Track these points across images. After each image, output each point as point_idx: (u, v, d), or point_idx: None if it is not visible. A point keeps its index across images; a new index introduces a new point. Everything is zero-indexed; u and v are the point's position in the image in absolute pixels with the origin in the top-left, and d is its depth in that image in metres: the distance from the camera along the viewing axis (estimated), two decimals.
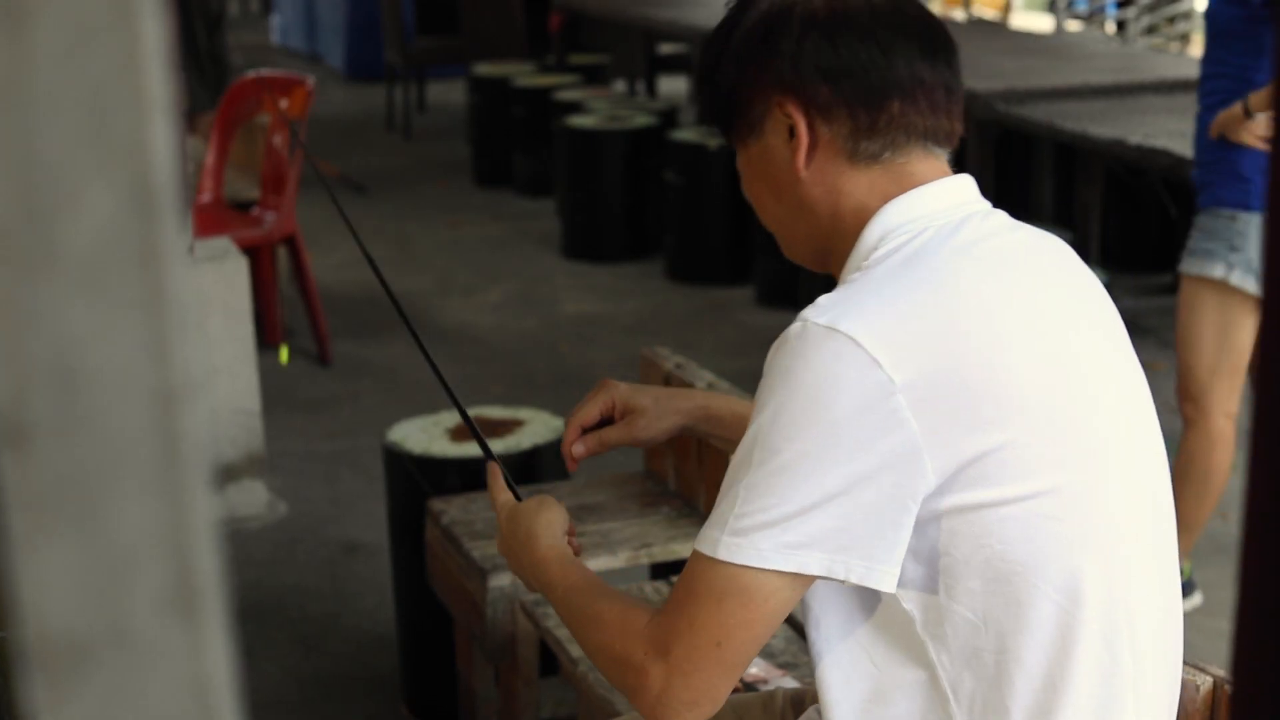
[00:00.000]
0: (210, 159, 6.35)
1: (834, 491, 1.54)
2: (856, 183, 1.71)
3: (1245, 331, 3.99)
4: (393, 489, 3.75)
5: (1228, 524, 4.67)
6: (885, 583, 1.58)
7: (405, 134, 10.94)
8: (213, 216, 6.05)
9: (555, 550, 1.88)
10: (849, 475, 1.54)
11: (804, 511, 1.55)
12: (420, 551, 3.56)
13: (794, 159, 1.71)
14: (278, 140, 6.22)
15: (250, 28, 17.19)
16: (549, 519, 1.91)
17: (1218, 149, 3.88)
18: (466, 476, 3.55)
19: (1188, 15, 9.81)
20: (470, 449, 3.60)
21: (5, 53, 0.48)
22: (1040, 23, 12.06)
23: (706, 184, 6.99)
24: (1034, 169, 7.17)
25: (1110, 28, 10.30)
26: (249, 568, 4.53)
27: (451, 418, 3.82)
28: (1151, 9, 9.79)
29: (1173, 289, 6.74)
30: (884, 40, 1.68)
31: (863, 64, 1.68)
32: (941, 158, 1.74)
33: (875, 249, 1.68)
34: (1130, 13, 9.72)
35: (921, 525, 1.58)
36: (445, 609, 3.42)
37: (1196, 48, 11.25)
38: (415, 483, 3.61)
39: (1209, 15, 3.97)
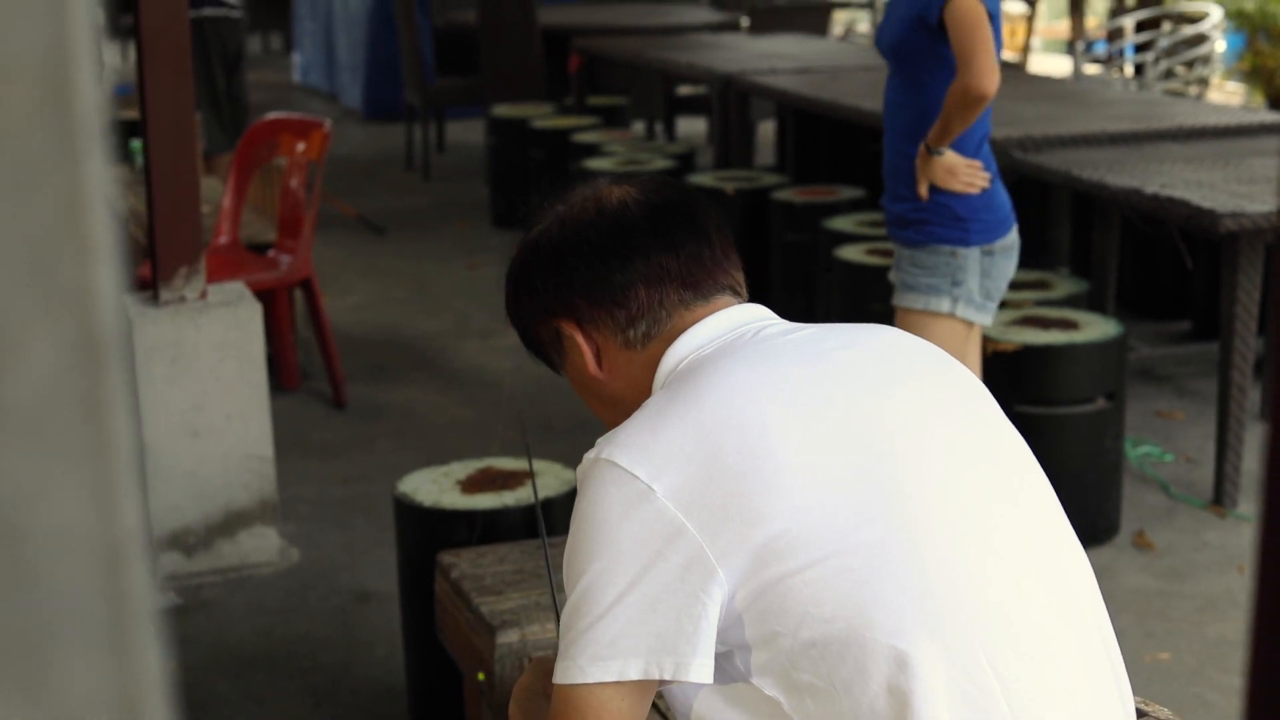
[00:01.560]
0: (227, 201, 6.35)
1: (629, 598, 1.70)
2: (642, 362, 1.92)
3: (970, 359, 4.22)
4: (403, 540, 3.73)
5: (1242, 577, 4.64)
6: (701, 675, 1.70)
7: (424, 174, 10.95)
8: (229, 259, 6.05)
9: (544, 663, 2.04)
10: (638, 580, 1.70)
11: (605, 622, 1.70)
12: (431, 603, 3.54)
13: (588, 368, 1.95)
14: (294, 183, 6.23)
15: (271, 66, 17.25)
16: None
17: (932, 190, 4.03)
18: (477, 529, 3.53)
19: (1206, 59, 9.79)
20: (480, 502, 3.58)
21: None
22: (1059, 65, 12.06)
23: None
24: (1051, 216, 7.15)
25: (1129, 70, 10.28)
26: (260, 615, 4.51)
27: (463, 469, 3.81)
28: (1170, 53, 9.77)
29: (1189, 337, 6.73)
30: (611, 248, 1.91)
31: (598, 273, 1.91)
32: (717, 302, 1.93)
33: (659, 388, 1.88)
34: (1148, 56, 9.70)
35: (745, 612, 1.70)
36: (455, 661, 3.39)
37: (1215, 92, 11.24)
38: (429, 531, 3.59)
39: (891, 43, 4.09)
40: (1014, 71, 8.89)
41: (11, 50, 0.47)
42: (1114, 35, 10.44)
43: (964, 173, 3.98)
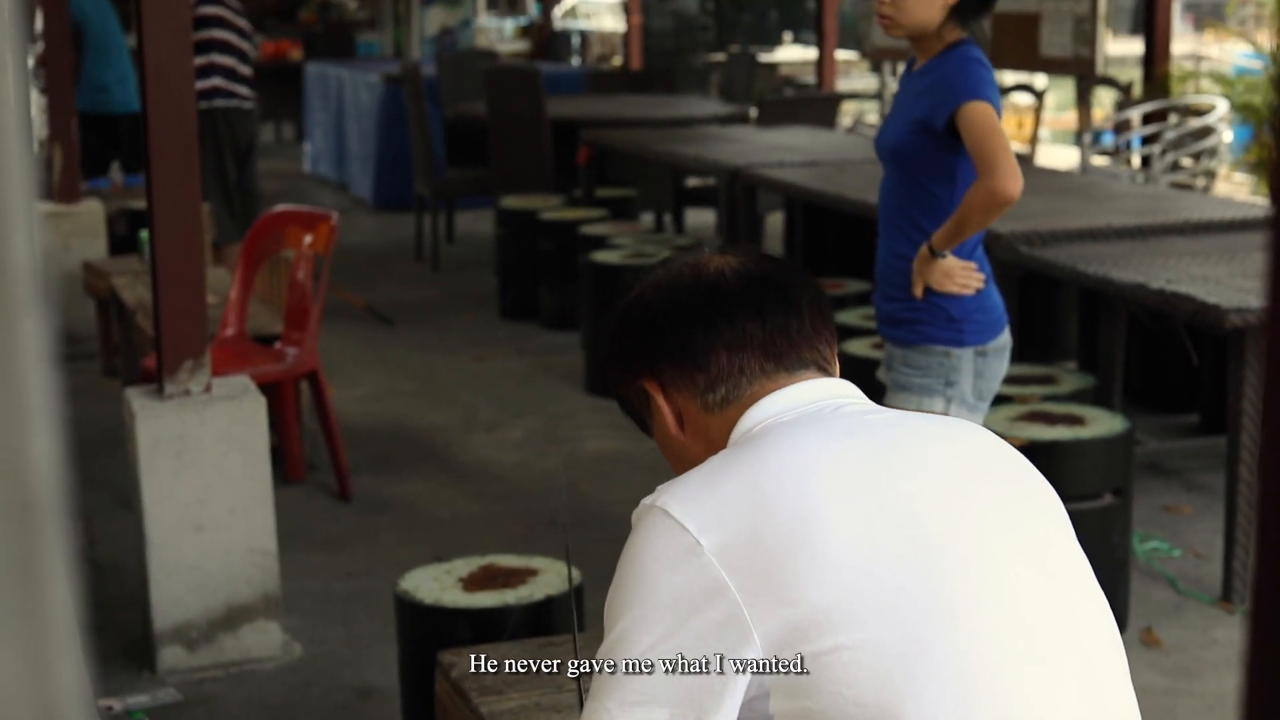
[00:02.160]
0: (234, 293, 6.37)
1: (662, 648, 1.71)
2: (719, 427, 1.93)
3: None
4: (404, 638, 3.71)
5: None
6: None
7: (433, 265, 10.98)
8: (235, 351, 6.06)
9: None
10: (673, 632, 1.71)
11: (638, 669, 1.72)
12: (432, 701, 3.51)
13: (669, 429, 1.97)
14: (302, 275, 6.24)
15: (283, 155, 17.34)
16: None
17: (926, 291, 4.02)
18: (478, 628, 3.51)
19: (1214, 151, 9.81)
20: (481, 600, 3.57)
21: None
22: (1066, 156, 12.11)
23: None
24: (1058, 310, 7.15)
25: (1136, 162, 10.31)
26: (262, 711, 4.49)
27: (465, 566, 3.79)
28: (1177, 145, 9.80)
29: (1197, 431, 6.70)
30: (698, 311, 1.94)
31: (683, 336, 1.94)
32: (801, 375, 1.94)
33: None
34: (1155, 148, 9.74)
35: (775, 684, 1.69)
36: None
37: (1223, 183, 11.27)
38: (430, 629, 3.57)
39: (892, 146, 4.08)
40: (1021, 164, 8.92)
41: None
42: (1121, 127, 10.48)
43: (960, 275, 3.98)
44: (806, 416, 1.86)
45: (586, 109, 11.06)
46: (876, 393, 4.32)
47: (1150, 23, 10.31)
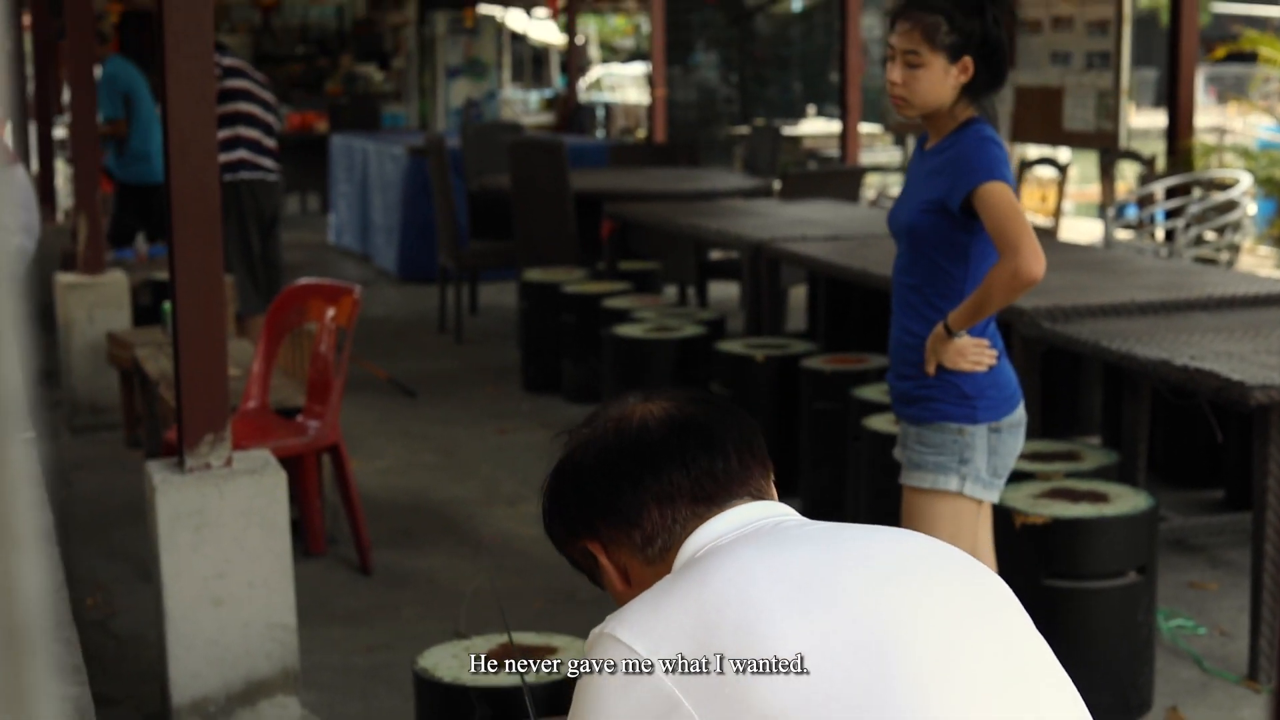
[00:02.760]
0: (257, 365, 6.38)
1: None
2: (660, 574, 1.95)
3: (981, 536, 4.18)
4: (423, 715, 3.69)
5: None
6: None
7: (456, 336, 10.99)
8: (257, 424, 6.07)
9: None
10: None
11: None
12: None
13: (616, 585, 2.04)
14: (324, 348, 6.25)
15: (308, 226, 17.43)
16: None
17: (939, 368, 4.01)
18: (498, 707, 3.49)
19: (1237, 225, 9.80)
20: (499, 680, 3.54)
21: None
22: (1090, 229, 12.10)
23: (753, 396, 6.96)
24: (1081, 385, 7.12)
25: (1160, 235, 10.30)
26: None
27: (483, 644, 3.77)
28: (1200, 219, 9.79)
29: (1222, 507, 6.66)
30: (624, 470, 1.99)
31: (612, 498, 1.99)
32: (732, 504, 1.99)
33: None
34: (1179, 222, 9.73)
35: None
36: None
37: (1247, 256, 11.25)
38: (450, 707, 3.55)
39: (907, 224, 4.06)
40: (1044, 238, 8.92)
41: None
42: (1145, 200, 10.48)
43: (973, 352, 3.97)
44: (745, 536, 1.91)
45: (610, 182, 11.09)
46: (894, 470, 4.32)
47: (1174, 96, 10.32)
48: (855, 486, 6.13)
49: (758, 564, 1.80)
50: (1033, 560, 4.66)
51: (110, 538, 6.55)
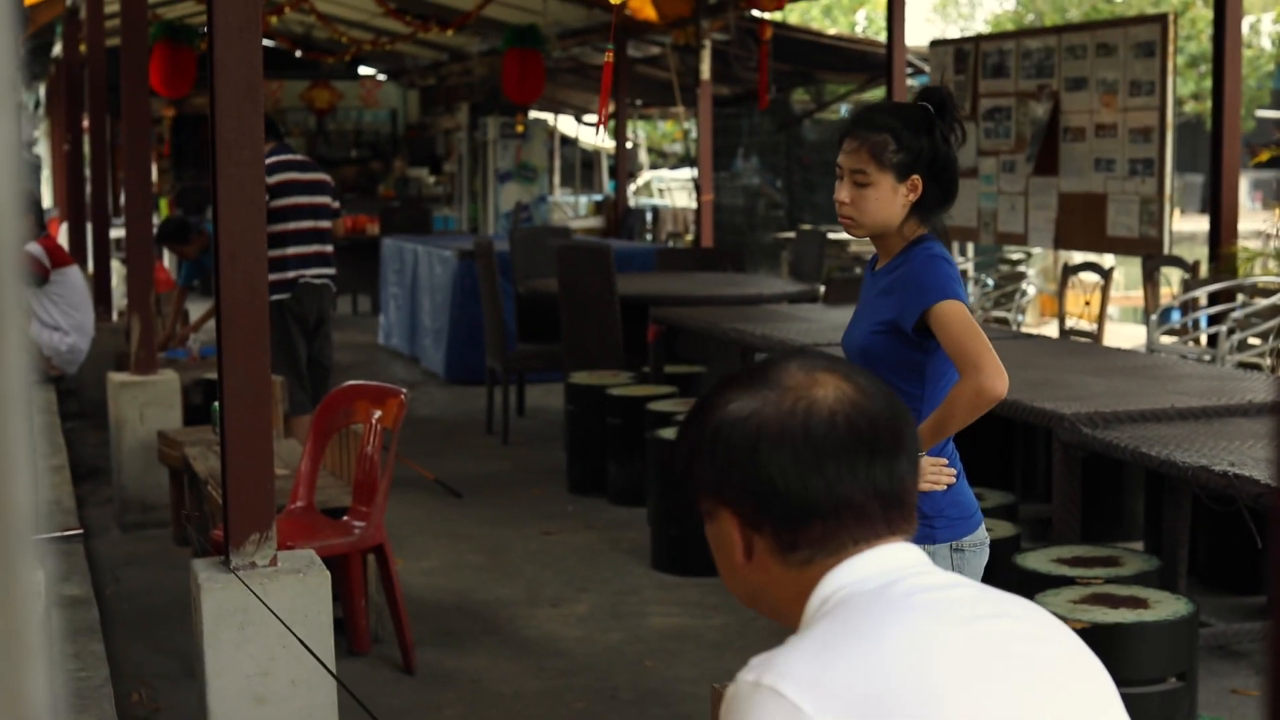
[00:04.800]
0: (304, 465, 6.44)
1: None
2: (791, 581, 1.84)
3: None
4: None
5: None
6: None
7: (503, 438, 11.05)
8: (303, 524, 6.12)
9: None
10: None
11: None
12: None
13: (735, 556, 1.87)
14: (370, 449, 6.31)
15: (358, 327, 17.57)
16: None
17: None
18: None
19: None
20: None
21: None
22: (1134, 334, 12.10)
23: None
24: (1123, 491, 7.12)
25: (1203, 340, 10.30)
26: None
27: None
28: (1244, 324, 9.79)
29: (1265, 612, 6.63)
30: (801, 470, 1.81)
31: (778, 491, 1.81)
32: (880, 539, 1.84)
33: (815, 614, 1.79)
34: (1222, 327, 9.73)
35: None
36: None
37: None
38: None
39: (860, 346, 3.98)
40: (1087, 346, 8.95)
41: None
42: (1188, 306, 10.49)
43: (930, 472, 3.88)
44: (892, 588, 1.78)
45: (657, 286, 11.17)
46: None
47: (1216, 202, 10.35)
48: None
49: (932, 641, 1.70)
50: None
51: (156, 634, 6.60)
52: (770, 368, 1.91)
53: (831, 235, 15.20)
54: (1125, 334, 12.11)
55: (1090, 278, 10.95)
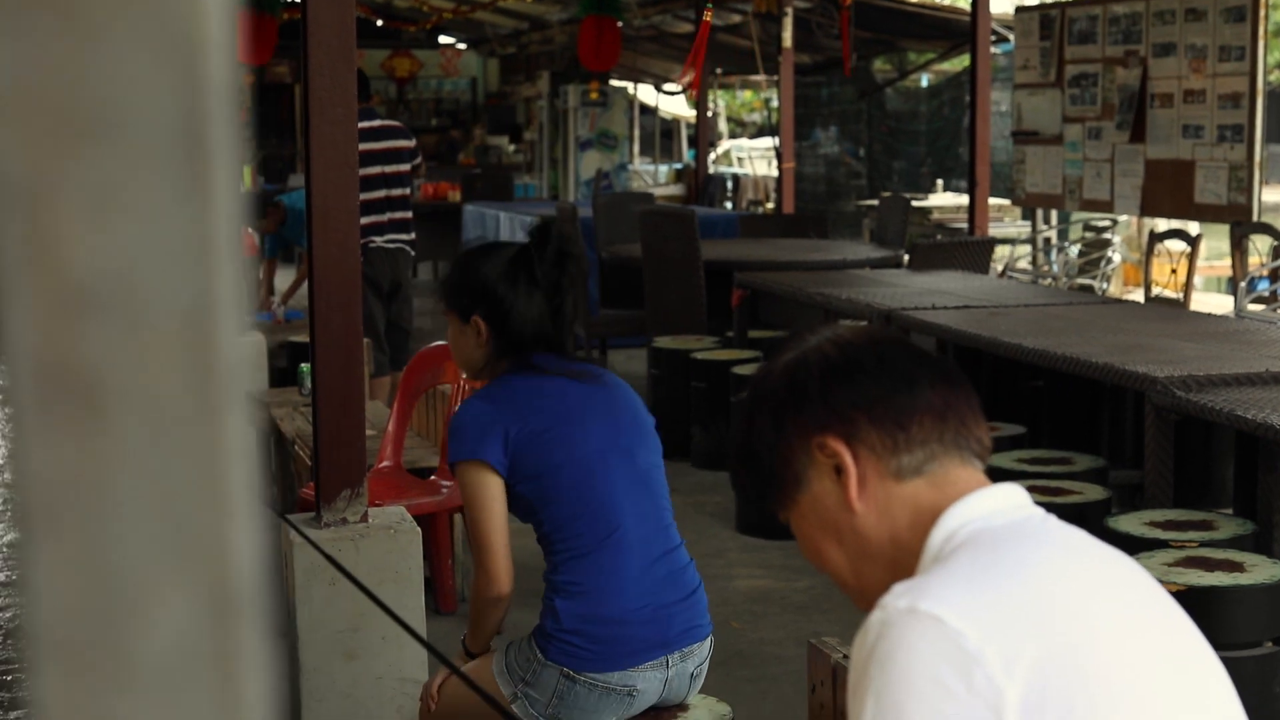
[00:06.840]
0: (391, 426, 6.46)
1: None
2: (905, 499, 1.78)
3: None
4: None
5: None
6: None
7: None
8: (391, 483, 6.14)
9: None
10: None
11: None
12: None
13: (846, 496, 1.79)
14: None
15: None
16: None
17: None
18: None
19: None
20: None
21: (80, 448, 0.49)
22: (1221, 302, 11.97)
23: None
24: (1215, 456, 7.04)
25: None
26: None
27: None
28: None
29: None
30: (899, 371, 1.82)
31: (886, 391, 1.80)
32: (979, 469, 1.83)
33: (942, 549, 1.73)
34: None
35: None
36: None
37: None
38: None
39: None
40: (1175, 310, 8.85)
41: (157, 299, 0.49)
42: (1277, 274, 10.36)
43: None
44: (1023, 529, 1.74)
45: (740, 252, 11.14)
46: None
47: None
48: None
49: (1091, 580, 1.69)
50: None
51: None
52: (791, 337, 1.94)
53: (916, 202, 15.11)
54: (1210, 303, 11.97)
55: (1176, 245, 10.83)
